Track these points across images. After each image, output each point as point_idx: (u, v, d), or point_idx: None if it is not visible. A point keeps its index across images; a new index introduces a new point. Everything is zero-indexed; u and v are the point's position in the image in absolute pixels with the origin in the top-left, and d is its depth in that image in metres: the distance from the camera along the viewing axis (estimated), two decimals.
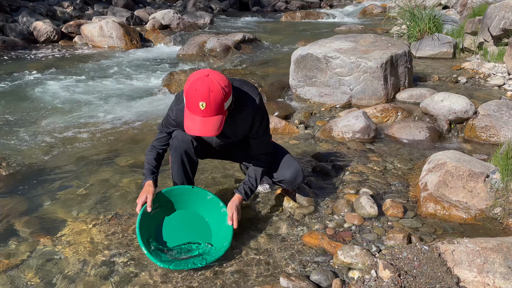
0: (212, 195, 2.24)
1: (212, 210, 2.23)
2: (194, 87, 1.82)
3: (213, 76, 1.84)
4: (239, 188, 2.25)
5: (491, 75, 4.86)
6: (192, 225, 2.22)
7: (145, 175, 2.22)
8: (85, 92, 5.41)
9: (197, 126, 1.86)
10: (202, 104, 1.81)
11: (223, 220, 2.15)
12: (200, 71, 1.87)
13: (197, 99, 1.81)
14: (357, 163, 3.02)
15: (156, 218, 2.18)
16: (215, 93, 1.81)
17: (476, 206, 2.36)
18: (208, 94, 1.80)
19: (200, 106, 1.82)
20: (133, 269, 2.02)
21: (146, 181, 2.18)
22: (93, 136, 3.82)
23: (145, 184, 2.17)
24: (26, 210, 2.59)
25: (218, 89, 1.82)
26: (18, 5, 10.05)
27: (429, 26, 6.16)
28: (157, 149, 2.28)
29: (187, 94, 1.85)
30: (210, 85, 1.80)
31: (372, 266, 1.85)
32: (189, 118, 1.89)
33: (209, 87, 1.80)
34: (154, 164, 2.25)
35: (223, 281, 1.91)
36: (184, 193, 2.24)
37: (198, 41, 7.29)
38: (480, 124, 3.47)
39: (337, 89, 4.26)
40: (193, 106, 1.84)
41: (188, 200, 2.24)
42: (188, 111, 1.89)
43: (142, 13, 11.31)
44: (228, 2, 15.11)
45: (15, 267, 2.07)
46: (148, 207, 2.08)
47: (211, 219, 2.23)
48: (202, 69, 1.89)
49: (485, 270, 1.72)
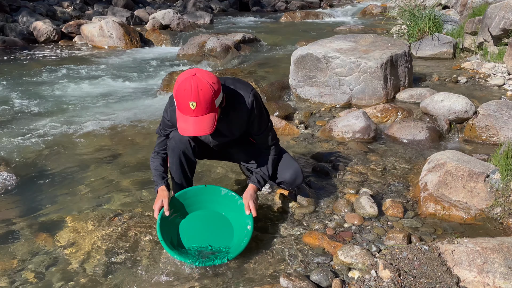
0: (226, 190, 2.25)
1: (228, 204, 2.23)
2: (182, 87, 1.81)
3: (200, 74, 1.83)
4: (252, 178, 2.25)
5: (491, 75, 4.86)
6: (212, 223, 2.22)
7: (155, 181, 2.21)
8: (85, 92, 5.41)
9: (191, 126, 1.86)
10: (193, 103, 1.81)
11: (241, 211, 2.15)
12: (187, 71, 1.87)
13: (186, 99, 1.81)
14: (357, 163, 3.02)
15: (174, 222, 2.17)
16: (204, 91, 1.80)
17: (476, 206, 2.36)
18: (197, 93, 1.79)
19: (191, 105, 1.82)
20: (133, 269, 2.02)
21: (159, 187, 2.17)
22: (93, 136, 3.82)
23: (159, 190, 2.16)
24: (26, 210, 2.59)
25: (207, 86, 1.81)
26: (18, 5, 10.05)
27: (429, 26, 6.16)
28: (161, 154, 2.28)
29: (177, 96, 1.85)
30: (198, 83, 1.80)
31: (372, 266, 1.85)
32: (181, 120, 1.88)
33: (198, 86, 1.79)
34: (162, 169, 2.24)
35: (224, 281, 1.91)
36: (198, 193, 2.25)
37: (198, 41, 7.29)
38: (480, 124, 3.47)
39: (337, 89, 4.26)
40: (183, 106, 1.84)
41: (203, 200, 2.25)
42: (180, 112, 1.89)
43: (142, 13, 11.30)
44: (228, 2, 15.10)
45: (15, 267, 2.07)
46: (166, 211, 2.08)
47: (230, 213, 2.23)
48: (189, 69, 1.89)
49: (485, 270, 1.72)
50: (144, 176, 2.98)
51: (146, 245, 2.19)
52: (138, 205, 2.58)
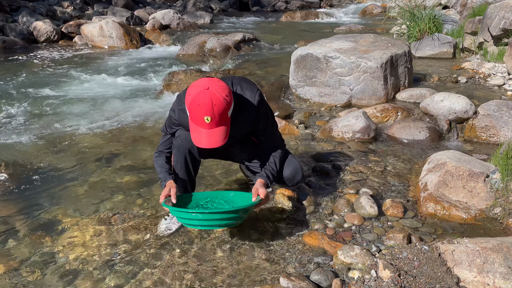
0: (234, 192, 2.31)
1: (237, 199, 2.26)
2: (196, 102, 1.83)
3: (213, 88, 1.84)
4: (260, 173, 2.26)
5: (491, 75, 4.86)
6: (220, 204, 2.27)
7: (162, 178, 2.21)
8: (85, 92, 5.41)
9: (204, 138, 1.90)
10: (207, 118, 1.85)
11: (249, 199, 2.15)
12: (199, 84, 1.87)
13: (201, 114, 1.84)
14: (357, 163, 3.02)
15: None
16: (218, 106, 1.83)
17: (476, 206, 2.36)
18: (211, 108, 1.82)
19: (206, 120, 1.86)
20: (133, 269, 2.02)
21: (167, 181, 2.17)
22: (93, 136, 3.82)
23: (167, 183, 2.16)
24: (26, 210, 2.59)
25: (221, 100, 1.83)
26: (18, 5, 10.05)
27: (429, 26, 6.16)
28: (165, 153, 2.29)
29: (190, 109, 1.87)
30: (212, 98, 1.82)
31: (372, 266, 1.85)
32: (195, 131, 1.93)
33: (212, 101, 1.82)
34: (167, 166, 2.25)
35: (223, 281, 1.91)
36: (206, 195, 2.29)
37: (198, 41, 7.29)
38: (480, 124, 3.47)
39: (337, 89, 4.26)
40: (198, 120, 1.88)
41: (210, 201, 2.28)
42: (193, 123, 1.92)
43: (142, 13, 11.30)
44: (228, 2, 15.10)
45: (15, 267, 2.07)
46: (172, 197, 2.08)
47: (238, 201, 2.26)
48: (200, 80, 1.89)
49: (485, 270, 1.72)
50: (144, 176, 2.98)
51: (146, 245, 2.19)
52: (138, 205, 2.58)
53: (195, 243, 2.18)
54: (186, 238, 2.22)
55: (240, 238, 2.20)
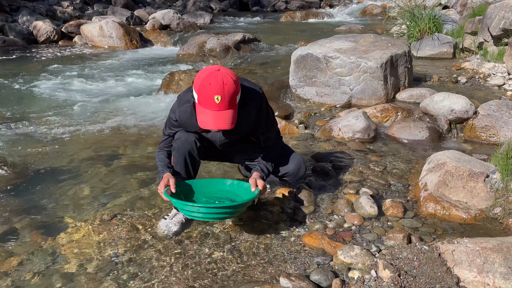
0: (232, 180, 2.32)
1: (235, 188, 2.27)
2: (207, 81, 1.84)
3: (224, 70, 1.88)
4: (255, 168, 2.28)
5: (491, 75, 4.86)
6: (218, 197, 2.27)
7: (160, 171, 2.22)
8: (85, 92, 5.41)
9: (212, 119, 1.89)
10: (218, 97, 1.84)
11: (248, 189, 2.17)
12: (210, 67, 1.90)
13: (212, 93, 1.84)
14: (357, 163, 3.02)
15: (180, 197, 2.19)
16: (228, 86, 1.84)
17: (476, 206, 2.36)
18: (222, 87, 1.83)
19: (216, 99, 1.85)
20: (133, 269, 2.01)
21: (164, 173, 2.17)
22: (93, 136, 3.82)
23: (164, 175, 2.16)
24: (26, 210, 2.59)
25: (231, 82, 1.86)
26: (18, 5, 10.05)
27: (429, 26, 6.16)
28: (166, 149, 2.30)
29: (200, 89, 1.87)
30: (223, 78, 1.84)
31: (372, 266, 1.85)
32: (202, 113, 1.91)
33: (223, 80, 1.84)
34: (167, 161, 2.26)
35: (223, 281, 1.91)
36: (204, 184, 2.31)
37: (198, 41, 7.29)
38: (480, 124, 3.47)
39: (337, 89, 4.26)
40: (207, 100, 1.87)
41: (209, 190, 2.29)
42: (201, 106, 1.91)
43: (142, 13, 11.31)
44: (228, 2, 15.11)
45: (15, 267, 2.07)
46: (172, 187, 2.07)
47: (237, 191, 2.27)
48: (211, 65, 1.92)
49: (485, 270, 1.72)
50: (144, 175, 2.98)
51: (146, 245, 2.19)
52: (138, 205, 2.58)
53: (195, 243, 2.18)
54: (186, 238, 2.22)
55: (240, 238, 2.20)
